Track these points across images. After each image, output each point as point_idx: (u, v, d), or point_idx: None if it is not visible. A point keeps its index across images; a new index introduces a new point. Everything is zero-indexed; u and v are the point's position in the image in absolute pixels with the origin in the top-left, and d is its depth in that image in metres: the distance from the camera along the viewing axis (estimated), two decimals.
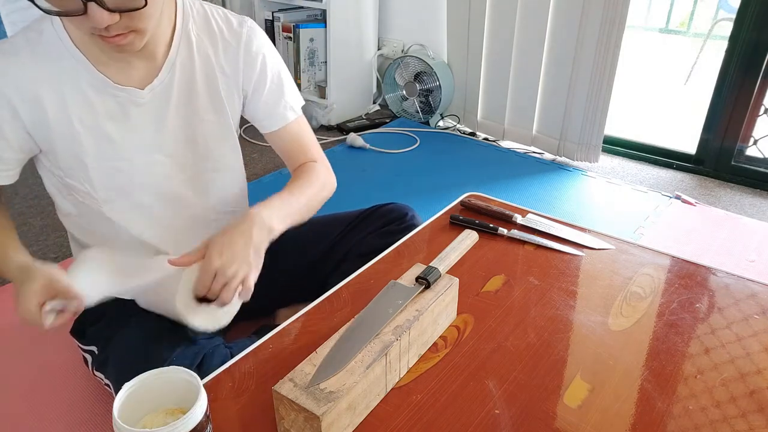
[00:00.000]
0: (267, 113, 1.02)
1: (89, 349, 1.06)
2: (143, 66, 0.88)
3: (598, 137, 2.32)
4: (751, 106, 2.18)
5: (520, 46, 2.41)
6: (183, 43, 0.90)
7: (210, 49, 0.93)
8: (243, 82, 0.97)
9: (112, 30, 0.74)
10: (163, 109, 0.91)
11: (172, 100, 0.91)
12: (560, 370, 0.72)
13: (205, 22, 0.93)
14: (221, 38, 0.94)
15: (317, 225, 1.23)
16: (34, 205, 1.99)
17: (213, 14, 0.95)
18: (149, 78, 0.89)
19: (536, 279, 0.90)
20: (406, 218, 1.17)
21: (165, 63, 0.89)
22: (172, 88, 0.91)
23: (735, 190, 2.22)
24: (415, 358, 0.73)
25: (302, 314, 0.83)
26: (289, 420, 0.59)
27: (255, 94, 1.00)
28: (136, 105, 0.89)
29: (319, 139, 1.12)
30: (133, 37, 0.77)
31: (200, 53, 0.92)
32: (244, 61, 0.96)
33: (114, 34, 0.74)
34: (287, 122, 1.04)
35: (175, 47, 0.90)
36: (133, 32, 0.77)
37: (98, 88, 0.86)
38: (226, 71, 0.95)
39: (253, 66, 0.97)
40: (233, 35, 0.95)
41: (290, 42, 2.78)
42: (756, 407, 0.68)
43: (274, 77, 1.00)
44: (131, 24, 0.75)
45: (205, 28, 0.93)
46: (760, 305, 0.85)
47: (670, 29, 4.98)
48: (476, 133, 2.72)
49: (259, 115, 1.02)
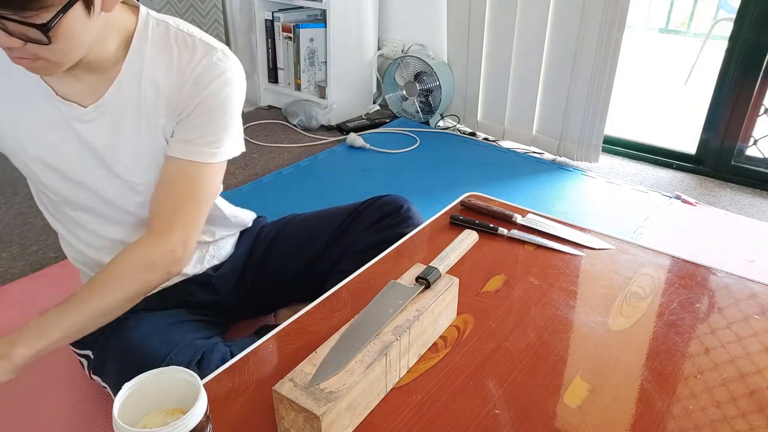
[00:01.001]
0: (176, 138, 0.89)
1: (84, 354, 1.06)
2: (90, 80, 0.84)
3: (598, 137, 2.32)
4: (751, 106, 2.18)
5: (520, 46, 2.41)
6: (134, 64, 0.85)
7: (161, 74, 0.86)
8: (182, 111, 0.88)
9: (16, 52, 0.70)
10: (107, 128, 0.87)
11: (116, 121, 0.87)
12: (560, 370, 0.72)
13: (164, 44, 0.86)
14: (177, 67, 0.86)
15: (313, 222, 1.22)
16: (34, 205, 1.99)
17: (177, 39, 0.86)
18: (95, 94, 0.85)
19: (536, 279, 0.90)
20: (402, 210, 1.16)
21: (114, 82, 0.84)
22: (118, 109, 0.86)
23: (735, 190, 2.22)
24: (415, 358, 0.73)
25: (302, 314, 0.83)
26: (289, 420, 0.59)
27: (185, 121, 0.89)
28: (81, 122, 0.85)
29: (319, 139, 1.09)
30: (44, 64, 0.73)
31: (149, 76, 0.86)
32: (188, 91, 0.86)
33: (18, 56, 0.71)
34: (179, 156, 0.88)
35: (126, 67, 0.84)
36: (45, 60, 0.72)
37: (44, 100, 0.84)
38: (171, 100, 0.87)
39: (194, 97, 0.87)
40: (189, 63, 0.86)
41: (290, 42, 2.77)
42: (756, 407, 0.68)
43: (209, 113, 0.88)
44: (39, 53, 0.70)
45: (163, 52, 0.86)
46: (760, 305, 0.85)
47: (670, 29, 4.98)
48: (476, 133, 2.72)
49: (176, 136, 0.89)
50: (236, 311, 1.21)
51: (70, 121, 0.85)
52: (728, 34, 2.15)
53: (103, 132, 0.87)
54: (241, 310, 1.23)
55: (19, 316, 1.44)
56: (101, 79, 0.84)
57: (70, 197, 0.93)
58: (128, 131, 0.88)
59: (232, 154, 0.92)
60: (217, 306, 1.14)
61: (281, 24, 2.78)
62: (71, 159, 0.88)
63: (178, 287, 1.07)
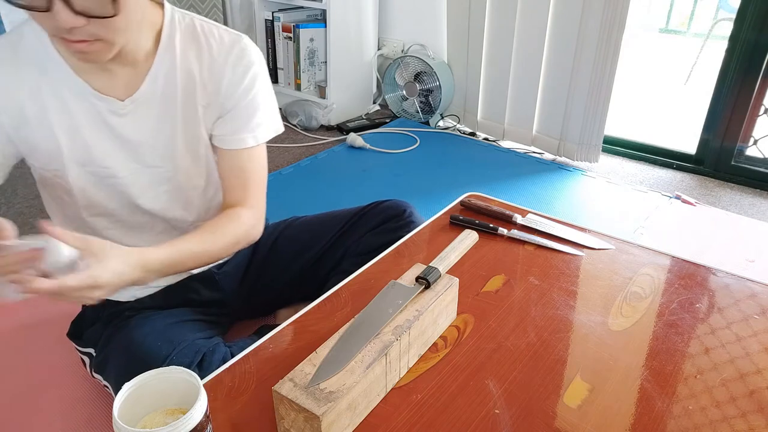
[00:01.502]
0: (227, 131, 0.95)
1: (87, 351, 1.06)
2: (124, 74, 0.86)
3: (598, 137, 2.32)
4: (751, 106, 2.18)
5: (520, 46, 2.41)
6: (167, 55, 0.88)
7: (195, 63, 0.90)
8: (223, 99, 0.93)
9: (75, 34, 0.70)
10: (143, 120, 0.89)
11: (152, 112, 0.89)
12: (560, 370, 0.72)
13: (192, 36, 0.90)
14: (208, 54, 0.90)
15: (316, 224, 1.23)
16: (34, 205, 1.99)
17: (203, 29, 0.91)
18: (130, 87, 0.87)
19: (536, 279, 0.90)
20: (404, 215, 1.16)
21: (148, 74, 0.87)
22: (154, 101, 0.89)
23: (735, 190, 2.22)
24: (415, 358, 0.73)
25: (302, 314, 0.83)
26: (289, 420, 0.59)
27: (229, 111, 0.94)
28: (116, 115, 0.87)
29: (319, 139, 1.10)
30: (100, 46, 0.74)
31: (183, 67, 0.89)
32: (229, 79, 0.91)
33: (77, 39, 0.71)
34: (241, 147, 0.95)
35: (159, 59, 0.87)
36: (100, 41, 0.73)
37: (78, 95, 0.84)
38: (207, 87, 0.91)
39: (236, 84, 0.92)
40: (221, 52, 0.91)
41: (290, 42, 2.77)
42: (756, 407, 0.68)
43: (251, 99, 0.94)
44: (99, 32, 0.72)
45: (191, 43, 0.90)
46: (760, 305, 0.85)
47: (670, 29, 4.98)
48: (476, 133, 2.72)
49: (220, 131, 0.95)
50: (238, 310, 1.21)
51: (105, 115, 0.86)
52: (728, 34, 2.15)
53: (138, 124, 0.89)
54: (243, 309, 1.23)
55: (20, 316, 1.44)
56: (135, 72, 0.87)
57: (94, 198, 0.92)
58: (164, 121, 0.90)
59: (275, 131, 1.00)
60: (219, 304, 1.14)
61: (281, 24, 2.78)
62: (103, 154, 0.89)
63: (183, 284, 1.08)
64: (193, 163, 0.96)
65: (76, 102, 0.85)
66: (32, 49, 0.82)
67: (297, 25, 2.71)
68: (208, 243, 0.89)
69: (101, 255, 0.74)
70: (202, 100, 0.91)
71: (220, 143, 0.96)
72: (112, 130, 0.88)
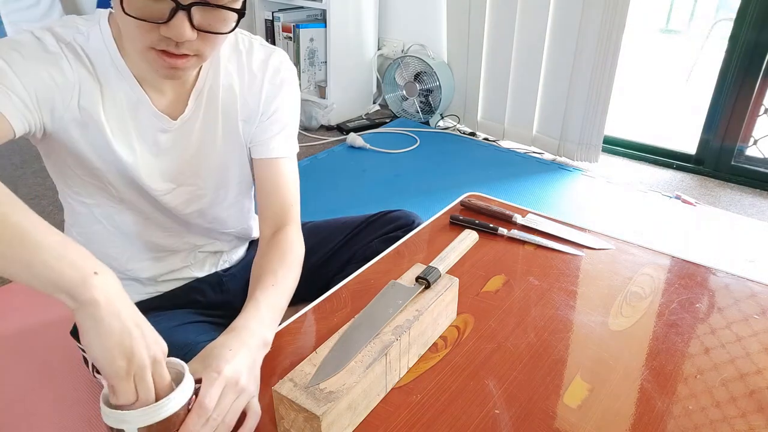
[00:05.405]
0: (265, 139, 0.95)
1: None
2: (171, 91, 0.86)
3: (598, 137, 2.32)
4: (751, 106, 2.19)
5: (520, 46, 2.41)
6: (211, 71, 0.88)
7: (236, 78, 0.90)
8: (261, 113, 0.94)
9: (181, 48, 0.70)
10: (186, 138, 0.89)
11: (195, 130, 0.89)
12: (560, 370, 0.72)
13: (233, 51, 0.90)
14: (248, 69, 0.91)
15: (323, 229, 1.23)
16: (34, 205, 1.99)
17: (243, 43, 0.91)
18: (177, 105, 0.86)
19: (536, 279, 0.90)
20: (413, 226, 1.16)
21: (192, 92, 0.86)
22: (198, 118, 0.89)
23: (735, 190, 2.22)
24: (415, 358, 0.73)
25: (302, 314, 0.83)
26: (289, 420, 0.59)
27: (264, 122, 0.95)
28: (163, 131, 0.86)
29: (319, 139, 1.10)
30: (194, 62, 0.74)
31: (225, 83, 0.89)
32: (267, 93, 0.92)
33: (181, 53, 0.71)
34: (279, 156, 0.96)
35: (203, 76, 0.87)
36: (197, 56, 0.73)
37: (135, 106, 0.83)
38: (248, 102, 0.92)
39: (274, 97, 0.93)
40: (260, 67, 0.91)
41: (290, 42, 2.78)
42: (756, 407, 0.68)
43: (286, 111, 0.96)
44: (201, 48, 0.72)
45: (233, 58, 0.90)
46: (760, 305, 0.85)
47: (670, 29, 4.98)
48: (476, 133, 2.72)
49: (256, 142, 0.95)
50: None
51: (155, 132, 0.86)
52: (728, 34, 2.15)
53: (183, 141, 0.88)
54: None
55: (20, 316, 1.44)
56: (183, 90, 0.86)
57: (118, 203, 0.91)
58: (208, 138, 0.90)
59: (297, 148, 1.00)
60: (224, 306, 1.14)
61: (281, 24, 2.79)
62: (148, 168, 0.87)
63: (190, 286, 1.08)
64: (230, 178, 0.96)
65: (130, 111, 0.83)
66: (98, 52, 0.79)
67: (297, 25, 2.71)
68: (287, 281, 0.85)
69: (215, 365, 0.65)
70: (242, 115, 0.91)
71: (258, 154, 0.95)
72: (159, 146, 0.87)
